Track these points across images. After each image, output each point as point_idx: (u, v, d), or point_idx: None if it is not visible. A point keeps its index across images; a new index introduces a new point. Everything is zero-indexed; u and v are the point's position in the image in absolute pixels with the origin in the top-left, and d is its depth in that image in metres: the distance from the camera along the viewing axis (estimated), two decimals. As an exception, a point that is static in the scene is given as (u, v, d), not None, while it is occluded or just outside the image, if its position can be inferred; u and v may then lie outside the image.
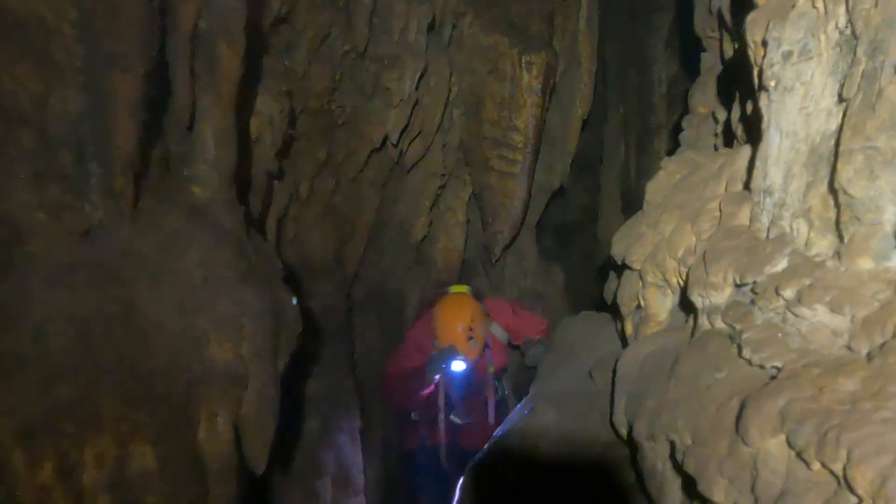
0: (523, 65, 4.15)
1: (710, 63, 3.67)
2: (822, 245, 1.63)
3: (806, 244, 1.68)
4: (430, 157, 4.17)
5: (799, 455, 1.20)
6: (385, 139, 3.56)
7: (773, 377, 1.41)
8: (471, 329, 3.67)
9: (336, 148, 3.39)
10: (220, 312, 1.90)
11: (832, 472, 1.14)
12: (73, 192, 1.80)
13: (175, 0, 1.89)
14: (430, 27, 3.59)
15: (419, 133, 3.85)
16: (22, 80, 1.66)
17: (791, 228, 1.74)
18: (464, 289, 3.97)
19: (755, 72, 2.02)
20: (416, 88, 3.53)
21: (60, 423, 1.64)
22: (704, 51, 3.83)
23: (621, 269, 2.83)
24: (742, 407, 1.38)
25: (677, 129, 3.94)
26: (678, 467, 1.64)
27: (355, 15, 3.04)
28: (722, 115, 3.28)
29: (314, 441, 3.34)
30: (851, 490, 1.08)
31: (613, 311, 3.08)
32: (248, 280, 2.00)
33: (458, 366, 3.68)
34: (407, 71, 3.36)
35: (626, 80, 6.20)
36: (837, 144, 1.53)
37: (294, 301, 2.18)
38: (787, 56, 1.79)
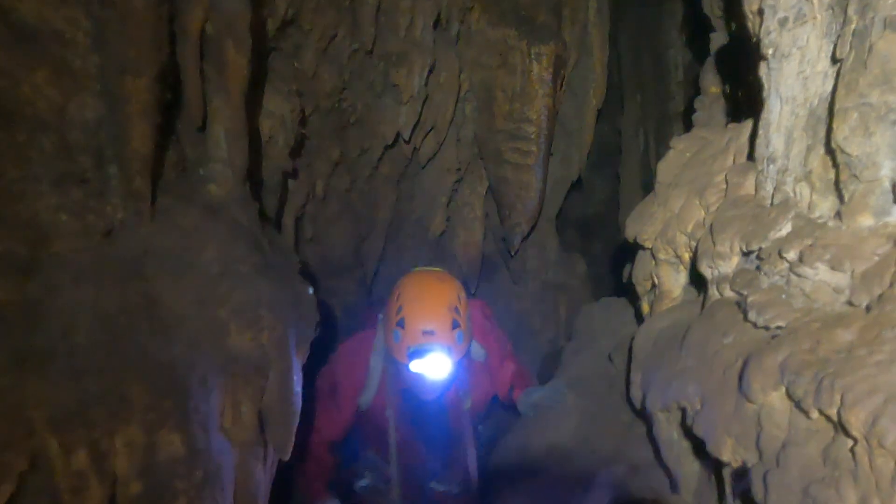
0: (533, 56, 4.17)
1: (720, 43, 3.66)
2: (825, 206, 1.64)
3: (809, 207, 1.69)
4: (445, 153, 4.22)
5: (798, 405, 1.22)
6: (397, 136, 3.61)
7: (776, 336, 1.43)
8: (457, 311, 2.31)
9: (349, 146, 3.45)
10: (238, 304, 1.97)
11: (829, 418, 1.15)
12: (95, 195, 1.88)
13: (183, 6, 1.96)
14: (437, 23, 3.64)
15: (432, 129, 3.89)
16: (41, 88, 1.75)
17: (794, 193, 1.75)
18: (436, 268, 2.74)
19: (754, 42, 2.03)
20: (426, 84, 3.58)
21: (91, 413, 1.71)
22: (714, 31, 3.82)
23: (635, 249, 2.84)
24: (745, 365, 1.39)
25: (691, 112, 3.94)
26: (689, 433, 1.66)
27: (361, 14, 3.10)
28: (730, 93, 3.28)
29: (342, 435, 3.39)
30: (846, 433, 1.10)
31: (630, 292, 3.09)
32: (264, 272, 2.06)
33: (437, 367, 2.28)
34: (415, 67, 3.41)
35: (642, 69, 6.17)
36: (832, 104, 1.54)
37: (311, 291, 2.25)
38: (783, 22, 1.80)
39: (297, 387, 2.12)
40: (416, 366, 2.29)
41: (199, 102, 2.07)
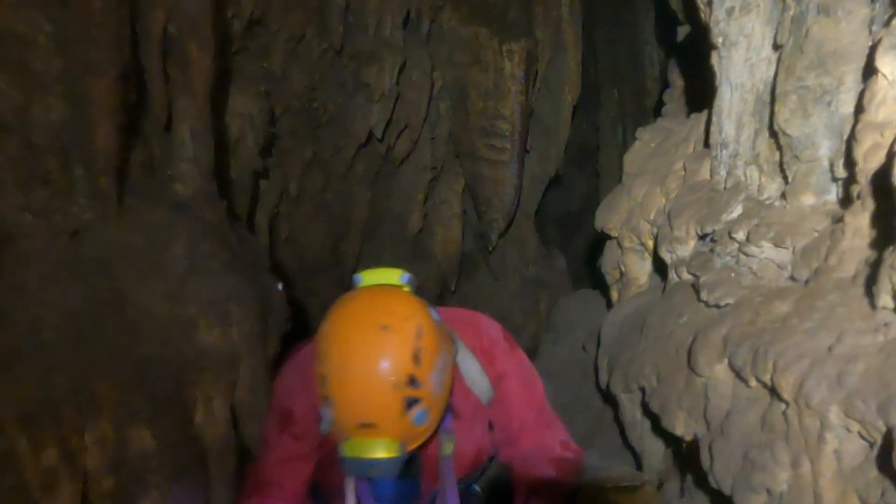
0: (504, 53, 4.23)
1: (684, 36, 3.72)
2: (773, 188, 1.69)
3: (758, 189, 1.74)
4: (420, 151, 4.26)
5: (738, 375, 1.27)
6: (371, 135, 3.65)
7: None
8: (413, 381, 1.24)
9: (322, 146, 3.48)
10: (207, 299, 1.99)
11: (765, 385, 1.20)
12: (60, 195, 1.89)
13: (144, 7, 1.99)
14: (407, 22, 3.68)
15: (405, 127, 3.93)
16: (3, 90, 1.76)
17: (745, 176, 1.80)
18: (394, 275, 1.34)
19: (706, 32, 2.09)
20: (397, 83, 3.62)
21: (60, 410, 1.73)
22: (681, 25, 3.88)
23: (604, 240, 2.89)
24: (693, 340, 1.44)
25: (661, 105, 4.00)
26: (648, 411, 1.70)
27: (329, 14, 3.14)
28: (694, 84, 3.34)
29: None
30: (779, 397, 1.14)
31: (601, 283, 3.14)
32: (232, 268, 2.08)
33: (384, 469, 1.33)
34: (385, 66, 3.45)
35: (619, 65, 6.23)
36: (774, 88, 1.59)
37: (280, 287, 2.27)
38: (730, 12, 1.86)
39: (269, 381, 2.15)
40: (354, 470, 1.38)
41: (163, 102, 2.09)
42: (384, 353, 1.22)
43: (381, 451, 1.25)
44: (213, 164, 2.19)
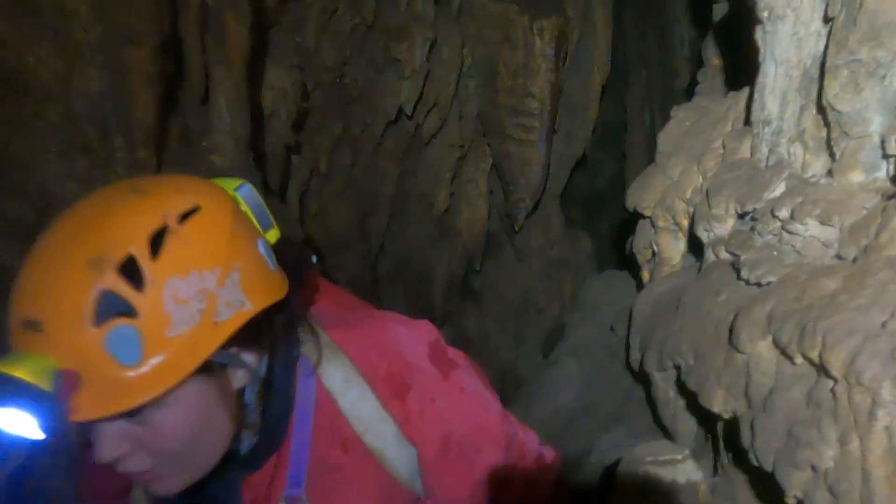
0: (535, 31, 4.18)
1: (722, 13, 3.65)
2: (818, 165, 1.66)
3: (802, 167, 1.70)
4: (448, 129, 4.24)
5: (784, 352, 1.25)
6: (400, 111, 3.64)
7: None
8: (129, 269, 0.66)
9: (352, 122, 3.48)
10: (242, 270, 2.01)
11: (812, 362, 1.19)
12: (100, 164, 1.92)
13: (182, -23, 2.00)
14: (438, -3, 3.65)
15: (434, 104, 3.91)
16: (45, 60, 1.79)
17: (788, 153, 1.77)
18: (230, 184, 0.80)
19: (750, 6, 2.04)
20: (428, 59, 3.60)
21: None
22: (716, 2, 3.80)
23: (636, 220, 2.87)
24: (735, 317, 1.43)
25: (696, 86, 3.93)
26: (684, 390, 1.69)
27: (361, -12, 3.13)
28: (731, 63, 3.27)
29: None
30: (827, 374, 1.13)
31: (632, 264, 3.12)
32: (267, 240, 2.10)
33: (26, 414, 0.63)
34: (416, 41, 3.43)
35: (647, 45, 6.12)
36: (824, 62, 1.55)
37: (314, 259, 2.28)
38: (777, -16, 1.81)
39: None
40: None
41: (201, 73, 2.11)
42: (108, 213, 0.72)
43: (25, 368, 0.67)
44: (248, 137, 2.20)
